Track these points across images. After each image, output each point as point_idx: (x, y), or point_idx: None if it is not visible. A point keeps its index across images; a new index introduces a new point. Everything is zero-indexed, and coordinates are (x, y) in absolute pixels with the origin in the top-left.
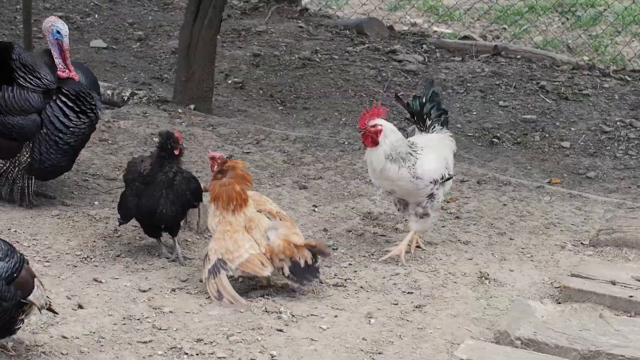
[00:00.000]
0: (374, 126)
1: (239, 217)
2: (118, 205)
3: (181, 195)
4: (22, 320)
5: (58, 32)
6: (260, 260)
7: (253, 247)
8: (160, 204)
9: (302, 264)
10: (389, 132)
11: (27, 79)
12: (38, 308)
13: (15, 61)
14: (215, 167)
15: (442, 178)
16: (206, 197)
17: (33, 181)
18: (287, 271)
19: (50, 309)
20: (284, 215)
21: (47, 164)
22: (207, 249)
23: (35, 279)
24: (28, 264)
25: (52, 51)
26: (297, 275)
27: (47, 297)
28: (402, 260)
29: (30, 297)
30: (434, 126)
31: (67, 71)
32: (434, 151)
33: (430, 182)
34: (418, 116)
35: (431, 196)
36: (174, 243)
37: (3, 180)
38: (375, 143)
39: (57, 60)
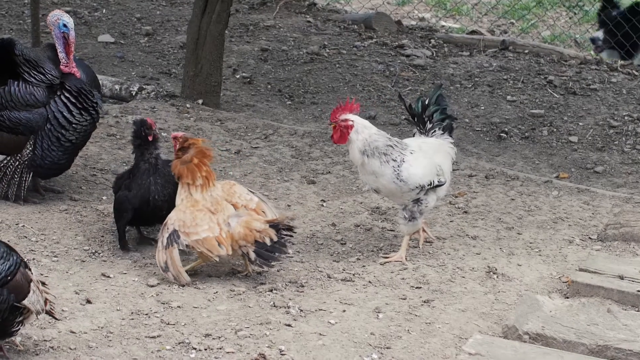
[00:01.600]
0: (344, 121)
1: (206, 196)
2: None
3: (169, 178)
4: (22, 322)
5: (64, 25)
6: (219, 241)
7: (212, 230)
8: (152, 191)
9: (268, 242)
10: (362, 128)
11: (32, 74)
12: (34, 313)
13: (18, 57)
14: (177, 145)
15: (431, 185)
16: None
17: (29, 177)
18: (253, 256)
19: (49, 314)
20: (253, 207)
21: (47, 160)
22: (167, 217)
23: (32, 284)
24: (27, 267)
25: (56, 45)
26: (264, 257)
27: (50, 301)
28: (406, 264)
29: (25, 302)
30: (435, 130)
31: (69, 66)
32: (427, 156)
33: (416, 187)
34: (418, 118)
35: (417, 201)
36: None
37: (4, 179)
38: (344, 138)
39: (61, 55)
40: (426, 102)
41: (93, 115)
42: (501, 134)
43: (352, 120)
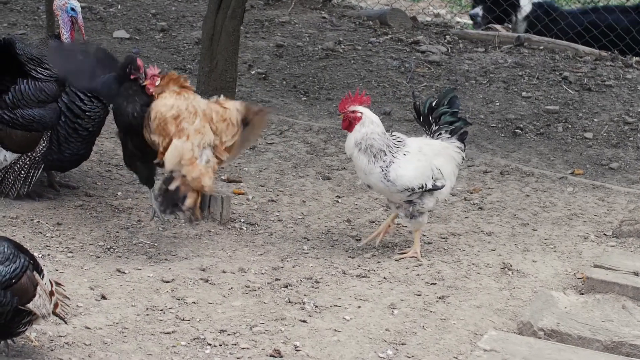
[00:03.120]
0: (353, 112)
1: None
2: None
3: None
4: (30, 322)
5: (72, 9)
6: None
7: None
8: (129, 111)
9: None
10: (368, 123)
11: (38, 71)
12: (40, 317)
13: (21, 56)
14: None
15: (423, 188)
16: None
17: (38, 173)
18: (162, 186)
19: (59, 317)
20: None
21: (66, 153)
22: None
23: (38, 287)
24: (36, 270)
25: (62, 32)
26: (165, 202)
27: (62, 302)
28: (420, 260)
29: (30, 305)
30: (440, 133)
31: None
32: (424, 158)
33: (405, 189)
34: (424, 119)
35: (410, 202)
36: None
37: (10, 176)
38: (351, 128)
39: (66, 41)
40: (434, 104)
41: (103, 101)
42: (516, 130)
43: (361, 112)
